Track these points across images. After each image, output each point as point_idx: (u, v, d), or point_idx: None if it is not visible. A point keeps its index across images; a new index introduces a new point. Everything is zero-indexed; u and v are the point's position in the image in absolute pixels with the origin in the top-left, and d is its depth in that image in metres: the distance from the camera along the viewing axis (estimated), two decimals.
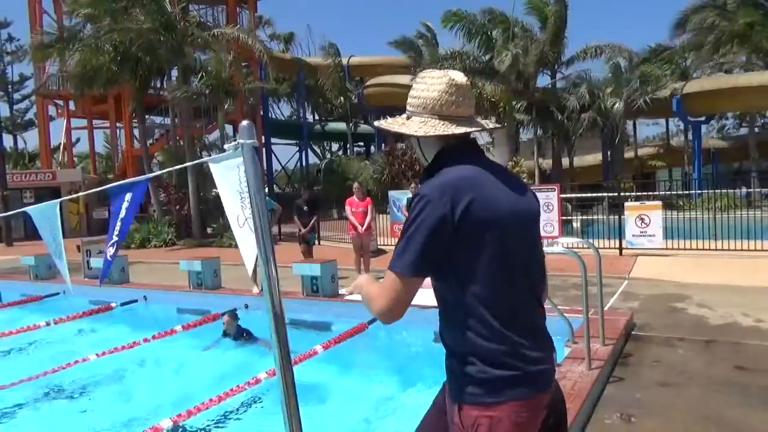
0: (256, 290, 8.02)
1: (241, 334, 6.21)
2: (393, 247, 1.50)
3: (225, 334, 6.25)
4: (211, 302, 7.65)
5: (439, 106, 1.63)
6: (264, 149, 29.70)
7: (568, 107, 21.50)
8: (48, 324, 6.94)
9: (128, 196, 2.25)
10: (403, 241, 1.55)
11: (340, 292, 7.61)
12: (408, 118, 1.70)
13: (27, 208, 2.68)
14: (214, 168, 1.94)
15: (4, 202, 21.22)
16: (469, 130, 1.65)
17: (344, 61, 29.29)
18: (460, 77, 1.67)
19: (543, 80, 23.02)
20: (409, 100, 1.71)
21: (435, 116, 1.64)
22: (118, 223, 2.27)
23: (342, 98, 29.70)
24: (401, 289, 1.52)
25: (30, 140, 37.03)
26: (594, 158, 28.38)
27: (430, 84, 1.66)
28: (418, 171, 18.76)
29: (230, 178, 1.88)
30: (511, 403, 1.52)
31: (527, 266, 1.64)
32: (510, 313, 1.56)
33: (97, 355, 5.51)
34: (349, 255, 10.15)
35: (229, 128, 24.28)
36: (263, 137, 29.38)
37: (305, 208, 9.81)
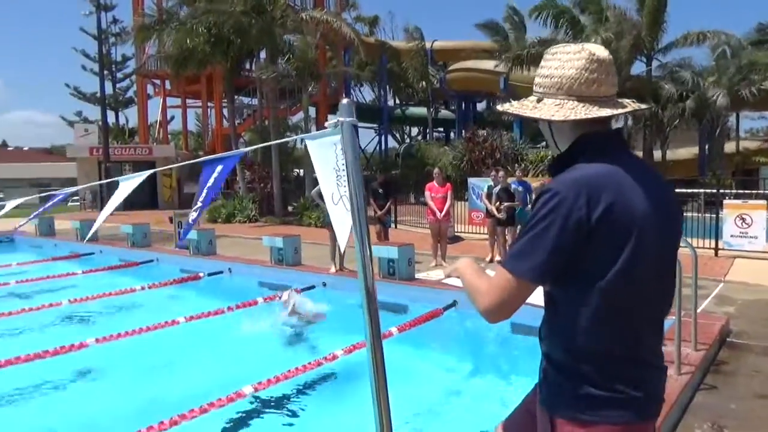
0: (333, 270, 8.20)
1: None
2: (470, 235, 1.38)
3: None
4: (291, 278, 7.92)
5: (577, 85, 1.44)
6: None
7: (663, 97, 20.17)
8: (143, 288, 7.52)
9: (218, 168, 2.34)
10: (527, 239, 1.37)
11: (416, 276, 7.64)
12: (539, 100, 1.50)
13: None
14: (310, 145, 1.94)
15: (106, 173, 22.92)
16: (614, 112, 1.44)
17: (427, 45, 29.01)
18: (600, 51, 1.46)
19: (636, 68, 21.71)
20: (539, 80, 1.51)
21: (573, 98, 1.44)
22: (204, 191, 2.34)
23: (424, 83, 29.52)
24: (515, 290, 1.38)
25: (130, 117, 39.62)
26: (687, 152, 26.49)
27: (566, 60, 1.45)
28: (498, 159, 18.31)
29: (327, 156, 1.88)
30: (610, 426, 1.38)
31: (658, 280, 1.45)
32: (626, 330, 1.40)
33: (185, 318, 5.86)
34: (425, 240, 10.14)
35: (311, 110, 24.81)
36: None
37: (380, 191, 9.88)
